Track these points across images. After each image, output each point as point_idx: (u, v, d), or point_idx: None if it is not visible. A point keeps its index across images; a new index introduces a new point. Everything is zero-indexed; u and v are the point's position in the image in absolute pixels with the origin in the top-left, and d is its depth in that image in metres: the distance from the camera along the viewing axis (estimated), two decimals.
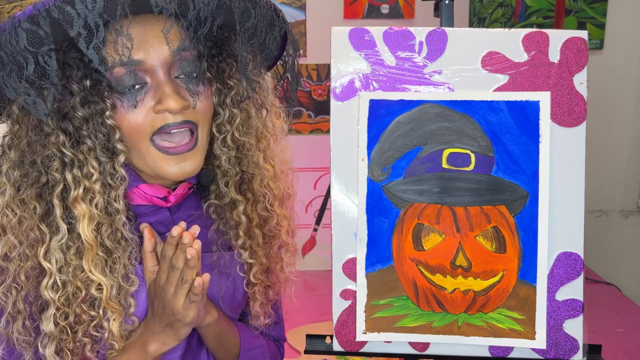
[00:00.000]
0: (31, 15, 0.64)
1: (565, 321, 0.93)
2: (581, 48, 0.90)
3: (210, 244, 0.91)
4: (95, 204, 0.75)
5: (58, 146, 0.73)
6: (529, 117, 0.90)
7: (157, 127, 0.76)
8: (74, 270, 0.75)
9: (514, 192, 0.91)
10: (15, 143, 0.76)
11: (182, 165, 0.79)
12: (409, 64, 0.92)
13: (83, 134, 0.74)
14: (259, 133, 0.87)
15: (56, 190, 0.74)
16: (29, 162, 0.75)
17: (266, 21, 0.78)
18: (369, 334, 0.96)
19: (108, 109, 0.75)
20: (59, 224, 0.74)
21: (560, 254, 0.92)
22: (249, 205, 0.89)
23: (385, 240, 0.94)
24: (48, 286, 0.74)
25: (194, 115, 0.78)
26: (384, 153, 0.93)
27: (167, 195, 0.87)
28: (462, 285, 0.93)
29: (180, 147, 0.78)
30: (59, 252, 0.74)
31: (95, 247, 0.75)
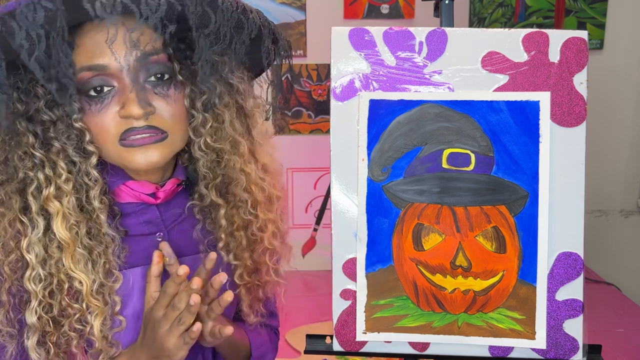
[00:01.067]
0: None
1: (565, 321, 0.93)
2: (581, 48, 0.90)
3: (197, 243, 0.91)
4: (68, 202, 0.76)
5: (28, 146, 0.75)
6: (529, 117, 0.90)
7: (122, 131, 0.77)
8: (56, 264, 0.76)
9: (514, 192, 0.91)
10: None
11: (147, 155, 0.79)
12: (409, 64, 0.92)
13: (50, 136, 0.76)
14: (235, 138, 0.86)
15: (31, 187, 0.76)
16: (3, 159, 0.77)
17: (231, 25, 0.76)
18: (369, 334, 0.96)
19: (75, 112, 0.76)
20: (36, 219, 0.76)
21: (560, 254, 0.92)
22: (230, 209, 0.89)
23: (385, 240, 0.94)
24: (31, 278, 0.76)
25: (160, 120, 0.78)
26: (384, 153, 0.93)
27: (156, 192, 0.87)
28: (462, 285, 0.93)
29: (145, 139, 0.78)
30: (39, 246, 0.76)
31: (72, 244, 0.76)
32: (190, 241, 0.92)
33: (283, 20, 2.48)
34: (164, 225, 0.91)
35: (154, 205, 0.90)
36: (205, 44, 0.75)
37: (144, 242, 0.89)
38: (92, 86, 0.76)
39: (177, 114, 0.80)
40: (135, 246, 0.88)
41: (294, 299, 1.05)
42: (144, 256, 0.88)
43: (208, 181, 0.87)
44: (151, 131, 0.77)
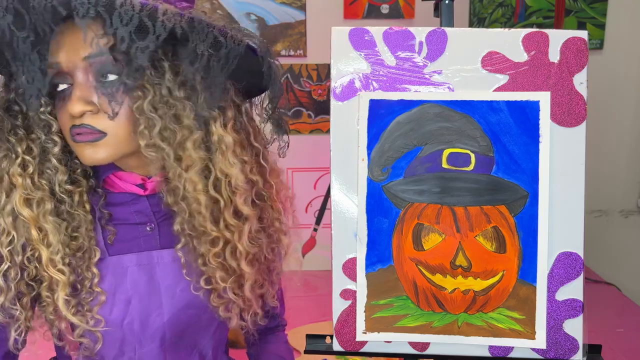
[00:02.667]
0: None
1: (565, 321, 0.93)
2: (581, 48, 0.90)
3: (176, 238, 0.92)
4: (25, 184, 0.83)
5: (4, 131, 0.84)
6: (528, 117, 0.90)
7: (69, 126, 0.82)
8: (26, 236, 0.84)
9: (514, 192, 0.91)
10: None
11: (93, 151, 0.83)
12: (409, 64, 0.92)
13: (17, 124, 0.84)
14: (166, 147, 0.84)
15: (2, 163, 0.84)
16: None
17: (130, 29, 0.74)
18: (369, 334, 0.96)
19: (43, 105, 0.83)
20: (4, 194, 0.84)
21: (560, 254, 0.92)
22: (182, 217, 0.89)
23: (385, 240, 0.94)
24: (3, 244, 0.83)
25: (99, 119, 0.81)
26: (384, 153, 0.93)
27: (143, 183, 0.91)
28: (462, 285, 0.93)
29: (82, 137, 0.82)
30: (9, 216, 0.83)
31: (32, 220, 0.83)
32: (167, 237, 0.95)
33: (283, 20, 2.47)
34: (154, 217, 0.94)
35: (145, 197, 0.93)
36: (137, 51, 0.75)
37: (135, 231, 0.93)
38: (55, 82, 0.82)
39: (121, 115, 0.82)
40: (127, 234, 0.93)
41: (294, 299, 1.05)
42: (134, 245, 0.93)
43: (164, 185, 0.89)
44: (87, 130, 0.81)
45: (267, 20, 2.47)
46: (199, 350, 0.98)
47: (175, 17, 0.75)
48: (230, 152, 0.88)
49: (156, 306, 0.92)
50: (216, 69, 0.81)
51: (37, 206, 0.84)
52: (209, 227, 0.88)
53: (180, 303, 0.94)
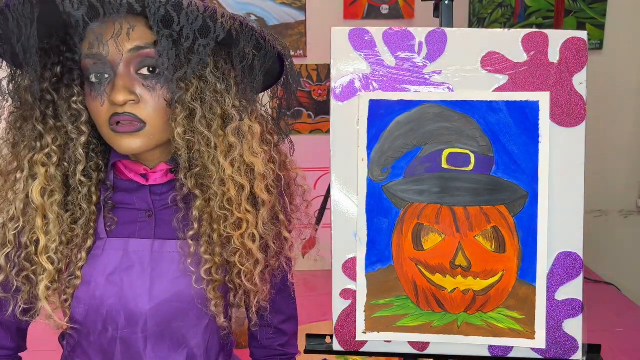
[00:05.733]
0: None
1: (564, 321, 0.93)
2: (581, 48, 0.91)
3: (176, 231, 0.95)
4: (48, 172, 0.88)
5: (32, 119, 0.88)
6: (528, 117, 0.90)
7: (110, 114, 0.86)
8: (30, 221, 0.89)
9: (513, 192, 0.91)
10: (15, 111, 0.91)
11: (129, 142, 0.87)
12: (409, 64, 0.92)
13: (48, 114, 0.89)
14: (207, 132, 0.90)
15: (30, 154, 0.89)
16: (18, 127, 0.91)
17: (195, 27, 0.81)
18: (368, 334, 0.96)
19: (75, 95, 0.88)
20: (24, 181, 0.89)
21: (560, 254, 0.92)
22: (204, 200, 0.92)
23: (385, 240, 0.94)
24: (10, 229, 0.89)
25: (142, 110, 0.86)
26: (384, 153, 0.93)
27: (146, 173, 0.96)
28: (462, 285, 0.93)
29: (125, 127, 0.86)
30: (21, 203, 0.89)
31: (41, 208, 0.88)
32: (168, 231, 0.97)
33: (283, 20, 2.48)
34: (154, 206, 0.97)
35: (148, 187, 0.97)
36: (167, 43, 0.82)
37: (134, 215, 0.97)
38: (91, 72, 0.85)
39: (158, 107, 0.87)
40: (126, 217, 0.97)
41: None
42: (133, 229, 0.96)
43: (186, 170, 0.92)
44: (129, 118, 0.85)
45: (267, 21, 2.48)
46: (188, 349, 0.98)
47: (230, 20, 0.84)
48: (256, 141, 0.93)
49: (142, 292, 0.94)
50: (257, 67, 0.91)
51: (49, 196, 0.89)
52: (235, 210, 0.92)
53: (167, 294, 0.94)
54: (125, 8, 0.77)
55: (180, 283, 0.95)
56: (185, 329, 0.97)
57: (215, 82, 0.89)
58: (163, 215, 0.97)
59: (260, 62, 0.91)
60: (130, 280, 0.94)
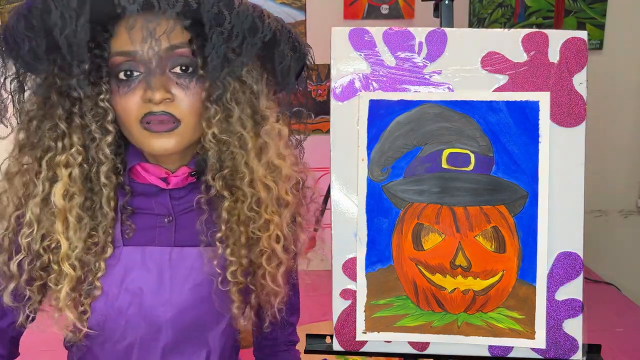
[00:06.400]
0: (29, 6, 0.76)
1: (564, 321, 0.93)
2: (581, 48, 0.91)
3: (199, 234, 0.93)
4: (73, 173, 0.85)
5: (55, 118, 0.85)
6: (528, 117, 0.90)
7: (143, 114, 0.84)
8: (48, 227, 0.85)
9: (513, 192, 0.91)
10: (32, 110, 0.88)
11: (162, 141, 0.85)
12: (409, 64, 0.92)
13: (74, 112, 0.85)
14: (242, 133, 0.89)
15: (47, 155, 0.85)
16: (35, 127, 0.87)
17: (245, 26, 0.81)
18: (368, 334, 0.96)
19: (103, 93, 0.85)
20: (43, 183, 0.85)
21: (560, 254, 0.92)
22: (233, 202, 0.91)
23: (385, 240, 0.94)
24: (24, 234, 0.85)
25: (177, 108, 0.85)
26: (384, 153, 0.93)
27: (167, 177, 0.93)
28: (462, 285, 0.93)
29: (159, 126, 0.84)
30: (37, 207, 0.85)
31: (64, 211, 0.85)
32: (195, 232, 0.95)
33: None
34: (173, 211, 0.95)
35: (167, 191, 0.95)
36: (218, 40, 0.81)
37: (153, 221, 0.95)
38: (121, 70, 0.84)
39: (193, 106, 0.86)
40: (145, 223, 0.94)
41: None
42: (151, 236, 0.94)
43: (215, 172, 0.90)
44: (166, 117, 0.84)
45: None
46: (205, 353, 0.98)
47: (274, 21, 0.85)
48: (283, 143, 0.94)
49: (162, 302, 0.93)
50: (293, 69, 0.92)
51: (71, 199, 0.86)
52: (263, 212, 0.91)
53: (187, 302, 0.94)
54: (181, 4, 0.76)
55: (200, 290, 0.94)
56: (204, 334, 0.97)
57: (252, 84, 0.89)
58: (183, 220, 0.96)
59: (295, 64, 0.92)
60: (150, 290, 0.92)
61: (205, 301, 0.94)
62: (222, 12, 0.79)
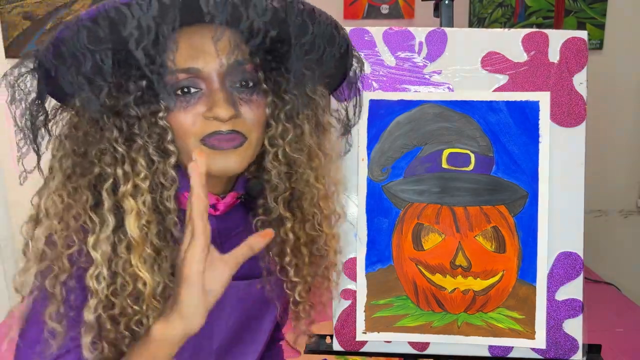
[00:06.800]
0: (93, 15, 0.67)
1: (565, 321, 0.93)
2: (581, 48, 0.91)
3: (257, 260, 0.87)
4: (143, 201, 0.75)
5: (111, 141, 0.75)
6: (528, 117, 0.90)
7: (206, 133, 0.76)
8: (122, 263, 0.75)
9: (513, 192, 0.91)
10: (72, 133, 0.77)
11: (227, 161, 0.77)
12: (409, 64, 0.92)
13: (134, 132, 0.75)
14: (311, 151, 0.85)
15: (107, 183, 0.75)
16: (81, 152, 0.76)
17: (325, 37, 0.77)
18: (368, 334, 0.96)
19: (161, 110, 0.76)
20: (106, 216, 0.74)
21: (560, 254, 0.92)
22: (297, 223, 0.87)
23: (385, 240, 0.94)
24: (94, 276, 0.74)
25: (243, 124, 0.78)
26: (384, 153, 0.93)
27: (216, 203, 0.86)
28: (462, 285, 0.93)
29: (227, 143, 0.77)
30: (106, 243, 0.74)
31: (142, 244, 0.75)
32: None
33: None
34: (219, 237, 0.88)
35: (212, 217, 0.86)
36: (301, 52, 0.76)
37: None
38: (180, 86, 0.76)
39: (258, 121, 0.80)
40: None
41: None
42: None
43: (277, 194, 0.85)
44: (232, 136, 0.77)
45: None
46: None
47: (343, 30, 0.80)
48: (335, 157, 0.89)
49: (206, 336, 0.87)
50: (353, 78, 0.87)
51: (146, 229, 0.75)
52: (326, 229, 0.88)
53: (230, 334, 0.91)
54: (270, 13, 0.70)
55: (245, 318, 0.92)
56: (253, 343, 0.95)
57: (318, 98, 0.84)
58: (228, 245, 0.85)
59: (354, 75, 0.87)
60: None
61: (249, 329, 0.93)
62: (305, 23, 0.74)
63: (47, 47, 0.70)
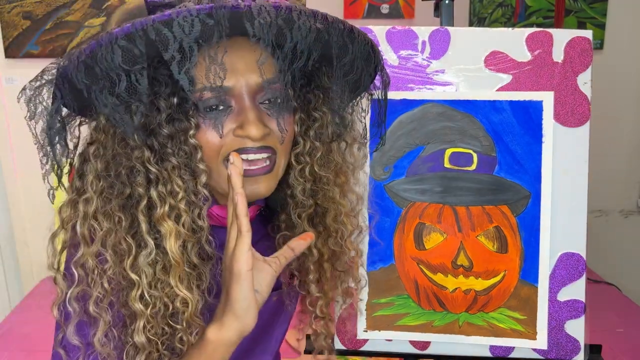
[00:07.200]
0: (129, 34, 0.63)
1: (566, 322, 0.93)
2: (585, 48, 0.90)
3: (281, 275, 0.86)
4: (182, 222, 0.73)
5: (143, 161, 0.72)
6: (532, 116, 0.90)
7: (234, 149, 0.74)
8: (162, 286, 0.74)
9: (516, 192, 0.91)
10: (100, 153, 0.74)
11: (255, 187, 0.76)
12: (412, 64, 0.92)
13: (168, 152, 0.73)
14: (337, 168, 0.84)
15: (141, 205, 0.73)
16: (114, 173, 0.73)
17: (363, 57, 0.76)
18: (370, 332, 0.95)
19: (192, 128, 0.73)
20: (146, 239, 0.73)
21: (562, 255, 0.92)
22: (321, 239, 0.86)
23: (387, 239, 0.94)
24: (136, 298, 0.73)
25: (273, 141, 0.76)
26: (386, 152, 0.93)
27: None
28: (464, 284, 0.93)
29: (257, 170, 0.76)
30: (147, 267, 0.73)
31: (182, 264, 0.73)
32: None
33: None
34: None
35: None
36: (341, 73, 0.74)
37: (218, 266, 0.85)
38: (209, 104, 0.73)
39: (287, 137, 0.78)
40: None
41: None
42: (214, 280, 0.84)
43: (301, 210, 0.84)
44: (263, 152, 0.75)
45: None
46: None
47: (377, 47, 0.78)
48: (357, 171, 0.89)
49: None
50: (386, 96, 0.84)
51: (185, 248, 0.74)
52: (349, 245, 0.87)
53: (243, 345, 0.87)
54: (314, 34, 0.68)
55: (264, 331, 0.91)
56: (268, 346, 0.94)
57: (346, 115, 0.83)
58: None
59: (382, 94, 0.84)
60: None
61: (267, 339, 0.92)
62: (346, 43, 0.72)
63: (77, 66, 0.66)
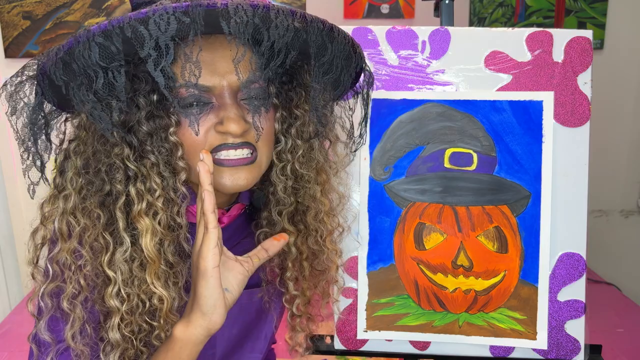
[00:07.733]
0: (105, 31, 0.63)
1: (567, 322, 0.93)
2: (585, 48, 0.90)
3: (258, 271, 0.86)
4: (159, 220, 0.73)
5: (122, 158, 0.73)
6: (532, 117, 0.90)
7: (215, 145, 0.75)
8: (138, 283, 0.74)
9: (516, 192, 0.91)
10: (81, 149, 0.75)
11: (236, 178, 0.76)
12: (412, 63, 0.92)
13: (147, 149, 0.73)
14: (319, 166, 0.84)
15: (119, 202, 0.73)
16: (93, 170, 0.74)
17: (343, 56, 0.76)
18: (370, 332, 0.95)
19: (172, 125, 0.74)
20: (122, 236, 0.73)
21: (563, 255, 0.92)
22: (300, 238, 0.86)
23: (387, 239, 0.94)
24: (112, 295, 0.73)
25: (253, 137, 0.76)
26: (386, 152, 0.93)
27: (221, 217, 0.85)
28: (464, 284, 0.93)
29: (236, 160, 0.76)
30: (123, 263, 0.73)
31: (157, 261, 0.73)
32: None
33: None
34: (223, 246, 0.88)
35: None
36: (319, 72, 0.74)
37: None
38: (189, 101, 0.74)
39: (266, 133, 0.78)
40: None
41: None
42: None
43: (282, 207, 0.84)
44: (244, 148, 0.76)
45: None
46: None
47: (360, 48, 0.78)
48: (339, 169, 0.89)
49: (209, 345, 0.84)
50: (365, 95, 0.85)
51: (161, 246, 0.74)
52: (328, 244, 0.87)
53: (232, 342, 0.90)
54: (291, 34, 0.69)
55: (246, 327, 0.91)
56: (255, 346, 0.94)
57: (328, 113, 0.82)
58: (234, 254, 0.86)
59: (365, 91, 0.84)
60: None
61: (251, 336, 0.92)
62: (324, 42, 0.72)
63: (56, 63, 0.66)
